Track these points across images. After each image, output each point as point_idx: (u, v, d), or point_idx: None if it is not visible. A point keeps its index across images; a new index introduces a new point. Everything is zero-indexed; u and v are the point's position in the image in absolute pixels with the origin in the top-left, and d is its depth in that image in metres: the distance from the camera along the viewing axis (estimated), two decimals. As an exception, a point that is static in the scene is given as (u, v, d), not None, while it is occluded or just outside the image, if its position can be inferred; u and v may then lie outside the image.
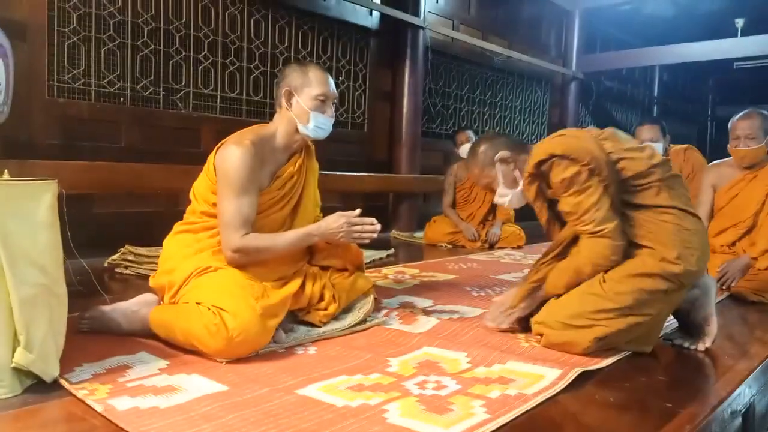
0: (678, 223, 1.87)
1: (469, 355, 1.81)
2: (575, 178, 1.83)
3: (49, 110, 3.37)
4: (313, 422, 1.30)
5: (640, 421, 1.40)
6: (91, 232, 3.35)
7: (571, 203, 1.86)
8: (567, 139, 1.92)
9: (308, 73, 2.06)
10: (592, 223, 1.82)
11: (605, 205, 1.82)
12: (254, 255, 1.96)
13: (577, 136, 1.92)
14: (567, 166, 1.84)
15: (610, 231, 1.81)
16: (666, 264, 1.82)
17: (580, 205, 1.84)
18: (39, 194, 1.45)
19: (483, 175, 2.11)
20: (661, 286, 1.82)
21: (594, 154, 1.84)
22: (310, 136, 2.09)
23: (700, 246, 1.89)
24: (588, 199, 1.82)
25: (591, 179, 1.83)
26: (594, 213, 1.82)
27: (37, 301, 1.41)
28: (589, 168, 1.82)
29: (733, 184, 3.10)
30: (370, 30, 5.29)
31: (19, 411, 1.34)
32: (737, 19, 7.44)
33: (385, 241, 4.74)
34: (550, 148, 1.89)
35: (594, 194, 1.82)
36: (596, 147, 1.86)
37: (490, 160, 2.07)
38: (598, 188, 1.82)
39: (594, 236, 1.84)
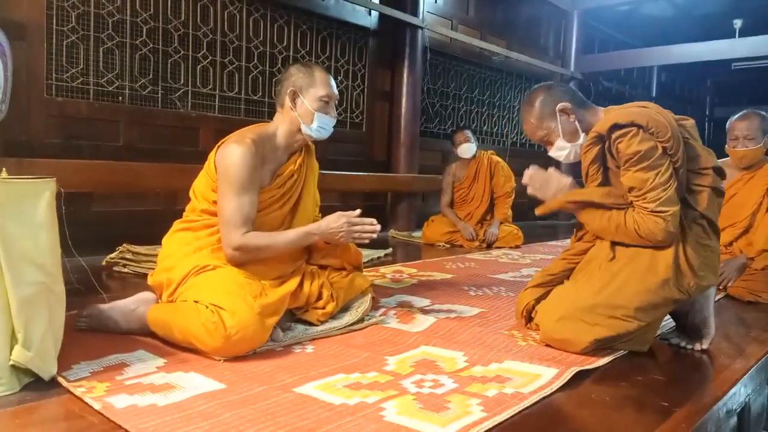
0: (704, 237, 1.85)
1: (467, 354, 1.81)
2: (649, 153, 1.74)
3: (48, 109, 3.37)
4: (310, 420, 1.30)
5: (637, 420, 1.41)
6: (89, 231, 3.35)
7: (637, 178, 1.77)
8: (650, 111, 1.79)
9: (313, 74, 2.07)
10: (656, 202, 1.74)
11: (673, 187, 1.75)
12: (254, 253, 1.97)
13: (659, 113, 1.81)
14: (644, 139, 1.74)
15: (670, 215, 1.74)
16: (680, 276, 1.81)
17: (647, 182, 1.75)
18: (38, 193, 1.45)
19: (541, 126, 1.97)
20: (674, 296, 1.81)
21: (674, 134, 1.76)
22: (312, 136, 2.10)
23: (714, 266, 1.89)
24: (657, 177, 1.74)
25: (664, 157, 1.75)
26: (660, 192, 1.74)
27: (35, 300, 1.41)
28: (665, 145, 1.75)
29: (731, 184, 3.11)
30: (368, 30, 5.30)
31: (17, 408, 1.34)
32: (735, 19, 7.46)
33: (384, 240, 4.75)
34: (632, 116, 1.77)
35: (665, 173, 1.74)
36: (676, 127, 1.79)
37: (551, 111, 1.94)
38: (669, 168, 1.75)
39: (653, 214, 1.76)
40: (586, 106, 2.00)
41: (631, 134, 1.76)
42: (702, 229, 1.86)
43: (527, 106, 2.03)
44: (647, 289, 1.81)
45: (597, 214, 1.91)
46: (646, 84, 10.12)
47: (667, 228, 1.76)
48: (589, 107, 2.00)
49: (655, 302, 1.81)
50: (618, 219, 1.85)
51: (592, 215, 1.92)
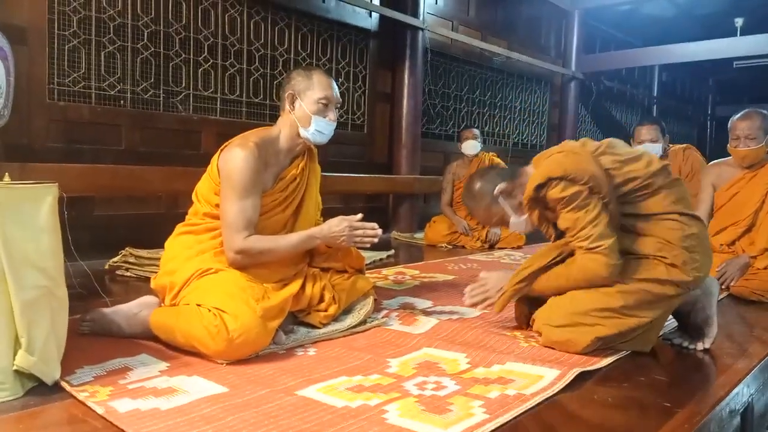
0: (683, 228, 1.87)
1: (469, 355, 1.81)
2: (574, 196, 1.81)
3: (50, 113, 3.38)
4: (313, 423, 1.31)
5: (639, 420, 1.41)
6: (91, 235, 3.36)
7: (569, 219, 1.84)
8: (564, 158, 1.87)
9: (312, 77, 2.08)
10: (588, 240, 1.81)
11: (603, 222, 1.80)
12: (256, 257, 1.97)
13: (575, 154, 1.88)
14: (566, 187, 1.82)
15: (606, 248, 1.80)
16: (675, 271, 1.83)
17: (578, 221, 1.82)
18: (40, 197, 1.46)
19: (491, 214, 2.04)
20: (669, 292, 1.84)
21: (593, 173, 1.81)
22: (310, 139, 2.10)
23: (705, 250, 1.90)
24: (586, 215, 1.80)
25: (590, 197, 1.81)
26: (591, 229, 1.80)
27: (38, 304, 1.41)
28: (588, 186, 1.81)
29: (733, 183, 3.11)
30: (369, 31, 5.30)
31: (21, 413, 1.34)
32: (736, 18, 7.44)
33: (386, 242, 4.74)
34: (547, 171, 1.85)
35: (593, 211, 1.80)
36: (594, 165, 1.84)
37: (491, 197, 2.01)
38: (597, 205, 1.81)
39: (589, 252, 1.82)
40: (519, 173, 2.03)
41: (553, 186, 1.84)
42: (677, 222, 1.87)
43: (471, 201, 2.09)
44: (643, 289, 1.83)
45: (547, 278, 1.94)
46: (647, 83, 10.10)
47: (608, 262, 1.80)
48: (521, 173, 2.03)
49: (653, 300, 1.83)
50: (566, 271, 1.89)
51: (545, 282, 1.95)
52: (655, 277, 1.83)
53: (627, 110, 9.56)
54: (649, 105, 10.18)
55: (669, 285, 1.83)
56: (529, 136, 7.56)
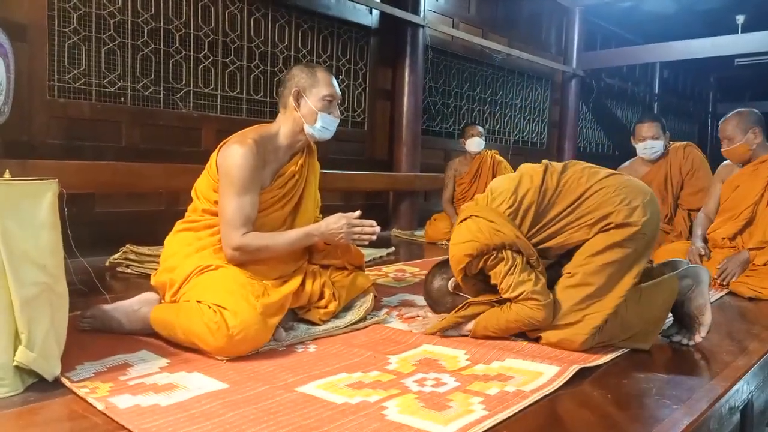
0: (605, 192, 1.90)
1: (468, 352, 1.82)
2: (488, 262, 1.88)
3: (50, 110, 3.38)
4: (312, 419, 1.31)
5: (638, 417, 1.41)
6: (92, 232, 3.36)
7: (493, 276, 1.91)
8: (462, 243, 1.91)
9: (316, 74, 2.08)
10: (509, 289, 1.85)
11: (518, 268, 1.85)
12: (254, 253, 1.97)
13: (469, 230, 1.91)
14: (476, 263, 1.90)
15: (528, 293, 1.83)
16: (625, 228, 1.84)
17: (497, 275, 1.88)
18: (40, 194, 1.46)
19: (455, 306, 2.04)
20: (628, 250, 1.85)
21: (487, 239, 1.86)
22: (315, 136, 2.10)
23: (640, 193, 1.91)
24: (502, 267, 1.86)
25: (499, 254, 1.87)
26: (509, 279, 1.85)
27: (38, 301, 1.42)
28: (492, 250, 1.86)
29: (735, 177, 3.14)
30: (370, 28, 5.30)
31: (21, 409, 1.35)
32: (738, 15, 7.42)
33: (386, 239, 4.75)
34: (456, 263, 1.93)
35: (506, 263, 1.86)
36: (487, 226, 1.88)
37: (449, 293, 2.08)
38: (508, 256, 1.86)
39: (516, 302, 1.86)
40: None
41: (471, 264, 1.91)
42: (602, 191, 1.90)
43: (433, 303, 2.15)
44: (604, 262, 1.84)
45: (487, 319, 1.95)
46: (648, 80, 10.08)
47: (536, 305, 1.84)
48: None
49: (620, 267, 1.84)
50: (505, 315, 1.91)
51: (485, 323, 1.96)
52: (609, 243, 1.84)
53: (628, 107, 9.55)
54: (650, 102, 10.17)
55: (625, 243, 1.84)
56: (530, 133, 7.56)
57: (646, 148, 3.68)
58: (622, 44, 8.42)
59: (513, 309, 1.88)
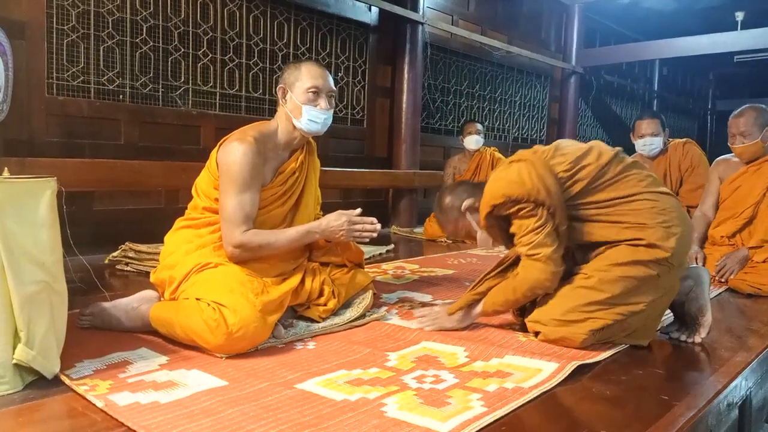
0: (653, 206, 1.88)
1: (467, 349, 1.82)
2: (521, 209, 1.87)
3: (49, 108, 3.38)
4: (312, 416, 1.31)
5: (637, 413, 1.41)
6: (91, 230, 3.37)
7: (517, 224, 1.90)
8: (506, 182, 1.90)
9: (300, 68, 2.08)
10: (528, 246, 1.85)
11: (545, 230, 1.84)
12: (255, 251, 1.97)
13: (519, 173, 1.88)
14: (510, 207, 1.88)
15: (545, 256, 1.83)
16: (653, 249, 1.83)
17: (522, 227, 1.87)
18: (39, 192, 1.46)
19: (459, 228, 2.08)
20: (651, 272, 1.84)
21: (534, 188, 1.84)
22: (303, 129, 2.09)
23: (681, 223, 1.90)
24: (530, 223, 1.85)
25: (536, 209, 1.85)
26: (533, 236, 1.84)
27: (37, 298, 1.42)
28: (532, 202, 1.85)
29: (736, 177, 3.12)
30: (369, 26, 5.29)
31: (21, 407, 1.35)
32: (737, 12, 7.41)
33: (385, 236, 4.75)
34: (491, 199, 1.91)
35: (538, 220, 1.85)
36: (539, 177, 1.85)
37: (459, 212, 2.06)
38: (542, 215, 1.85)
39: (529, 258, 1.87)
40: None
41: (498, 208, 1.90)
42: (648, 201, 1.89)
43: (440, 215, 2.14)
44: (625, 275, 1.83)
45: (495, 293, 1.97)
46: (647, 78, 10.08)
47: (546, 269, 1.85)
48: None
49: (638, 285, 1.83)
50: (512, 283, 1.93)
51: (494, 297, 1.98)
52: (635, 259, 1.84)
53: (627, 104, 9.54)
54: (650, 99, 10.16)
55: (650, 265, 1.83)
56: (529, 130, 7.55)
57: (645, 145, 3.68)
58: (621, 41, 8.41)
59: (519, 275, 1.89)
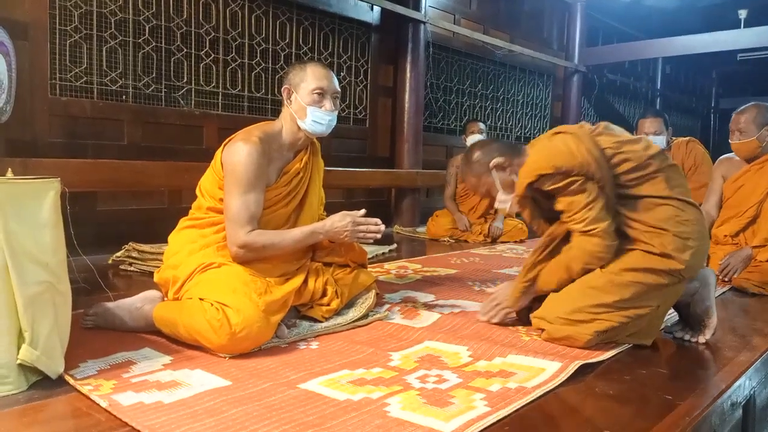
0: (677, 214, 1.87)
1: (470, 348, 1.82)
2: (570, 185, 1.84)
3: (52, 109, 3.38)
4: (315, 416, 1.31)
5: (640, 413, 1.41)
6: (94, 230, 3.38)
7: (565, 202, 1.87)
8: (553, 149, 1.87)
9: (306, 69, 2.08)
10: (584, 222, 1.83)
11: (598, 205, 1.83)
12: (260, 251, 1.98)
13: (566, 144, 1.86)
14: (559, 180, 1.85)
15: (602, 230, 1.82)
16: (667, 259, 1.83)
17: (573, 204, 1.85)
18: (42, 193, 1.46)
19: (480, 183, 2.07)
20: (662, 281, 1.84)
21: (585, 160, 1.82)
22: (308, 131, 2.09)
23: (700, 237, 1.90)
24: (582, 198, 1.83)
25: (587, 182, 1.83)
26: (586, 212, 1.83)
27: (41, 299, 1.42)
28: (581, 175, 1.82)
29: (739, 175, 3.12)
30: (371, 25, 5.29)
31: (25, 407, 1.35)
32: (740, 10, 7.40)
33: (388, 236, 4.75)
34: (538, 168, 1.87)
35: (589, 195, 1.82)
36: (588, 150, 1.84)
37: (486, 167, 2.03)
38: (593, 189, 1.83)
39: (585, 234, 1.85)
40: (520, 154, 2.02)
41: (545, 180, 1.86)
42: (673, 208, 1.88)
43: (465, 166, 2.12)
44: (636, 281, 1.83)
45: (549, 272, 1.97)
46: (650, 76, 10.06)
47: (603, 242, 1.84)
48: (522, 154, 2.02)
49: (648, 290, 1.83)
50: (565, 258, 1.92)
51: (547, 276, 1.97)
52: (648, 267, 1.83)
53: (630, 103, 9.53)
54: (653, 98, 10.14)
55: (662, 274, 1.83)
56: (532, 129, 7.55)
57: None
58: (624, 40, 8.39)
59: (574, 249, 1.88)
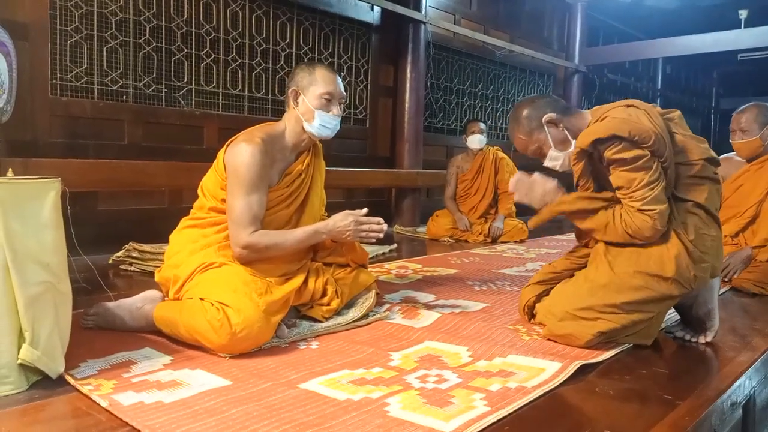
0: (702, 227, 1.85)
1: (471, 348, 1.82)
2: (634, 159, 1.76)
3: (52, 109, 3.39)
4: (315, 416, 1.31)
5: (640, 412, 1.41)
6: (95, 230, 3.38)
7: (625, 177, 1.80)
8: (631, 118, 1.79)
9: (314, 73, 2.08)
10: (642, 201, 1.77)
11: (660, 186, 1.77)
12: (263, 252, 1.98)
13: (641, 117, 1.80)
14: (629, 149, 1.76)
15: (658, 213, 1.77)
16: (681, 268, 1.81)
17: (634, 181, 1.78)
18: (43, 193, 1.47)
19: (532, 140, 1.98)
20: (674, 291, 1.83)
21: (658, 136, 1.76)
22: (314, 134, 2.10)
23: (716, 253, 1.89)
24: (644, 176, 1.76)
25: (651, 160, 1.77)
26: (646, 191, 1.76)
27: (42, 299, 1.42)
28: (651, 150, 1.76)
29: (739, 175, 3.12)
30: (371, 25, 5.29)
31: (26, 406, 1.36)
32: (741, 10, 7.40)
33: (388, 236, 4.75)
34: (612, 128, 1.77)
35: (653, 174, 1.77)
36: (661, 128, 1.79)
37: (538, 123, 1.94)
38: (657, 169, 1.77)
39: (640, 213, 1.78)
40: (572, 112, 2.00)
41: (615, 145, 1.78)
42: (699, 219, 1.86)
43: (514, 123, 2.02)
44: (646, 286, 1.82)
45: (586, 213, 1.92)
46: (651, 76, 10.06)
47: (654, 225, 1.78)
48: (574, 113, 2.00)
49: (656, 297, 1.83)
50: (607, 218, 1.87)
51: (582, 217, 1.94)
52: (660, 274, 1.81)
53: (630, 103, 9.51)
54: (653, 98, 10.14)
55: (673, 283, 1.81)
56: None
57: None
58: (624, 40, 8.40)
59: (623, 217, 1.82)
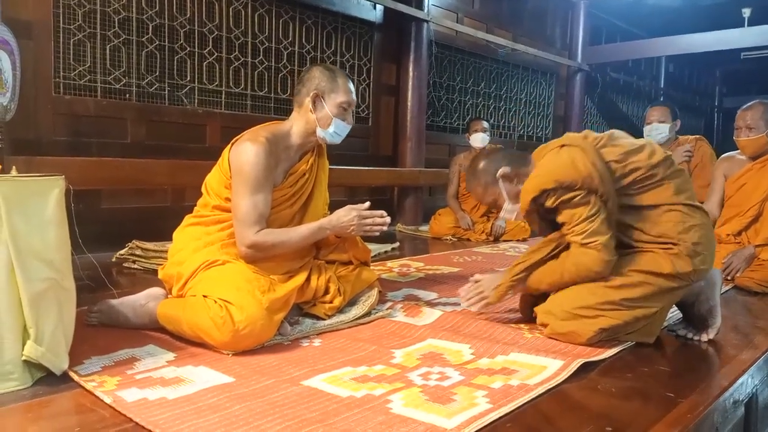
0: (684, 220, 1.87)
1: (473, 346, 1.82)
2: (573, 199, 1.84)
3: (56, 107, 3.40)
4: (317, 412, 1.32)
5: (642, 410, 1.41)
6: (98, 228, 3.39)
7: (567, 214, 1.86)
8: (559, 166, 1.86)
9: (336, 80, 2.10)
10: (583, 235, 1.83)
11: (599, 219, 1.82)
12: (269, 250, 1.98)
13: (572, 158, 1.85)
14: (562, 194, 1.84)
15: (601, 244, 1.82)
16: (678, 263, 1.83)
17: (575, 216, 1.84)
18: (47, 190, 1.47)
19: (487, 193, 2.06)
20: (672, 285, 1.85)
21: (589, 175, 1.81)
22: (327, 140, 2.12)
23: (708, 241, 1.90)
24: (584, 211, 1.83)
25: (588, 196, 1.83)
26: (587, 225, 1.82)
27: (46, 296, 1.43)
28: (585, 189, 1.82)
29: (742, 174, 3.11)
30: (373, 24, 5.29)
31: (30, 403, 1.36)
32: (744, 8, 7.37)
33: (391, 234, 4.75)
34: (542, 183, 1.86)
35: (591, 208, 1.82)
36: (593, 164, 1.83)
37: (492, 177, 2.02)
38: (596, 203, 1.83)
39: (583, 247, 1.84)
40: (526, 164, 2.03)
41: (549, 197, 1.86)
42: (680, 213, 1.88)
43: (470, 175, 2.11)
44: (646, 282, 1.83)
45: (541, 272, 1.96)
46: (654, 75, 10.04)
47: (601, 258, 1.83)
48: (528, 164, 2.03)
49: (656, 292, 1.84)
50: (560, 266, 1.92)
51: (539, 277, 1.97)
52: (658, 271, 1.84)
53: (633, 102, 9.51)
54: (656, 96, 10.12)
55: (672, 278, 1.84)
56: (535, 128, 7.54)
57: (652, 131, 3.66)
58: (627, 38, 8.38)
59: (571, 258, 1.87)
